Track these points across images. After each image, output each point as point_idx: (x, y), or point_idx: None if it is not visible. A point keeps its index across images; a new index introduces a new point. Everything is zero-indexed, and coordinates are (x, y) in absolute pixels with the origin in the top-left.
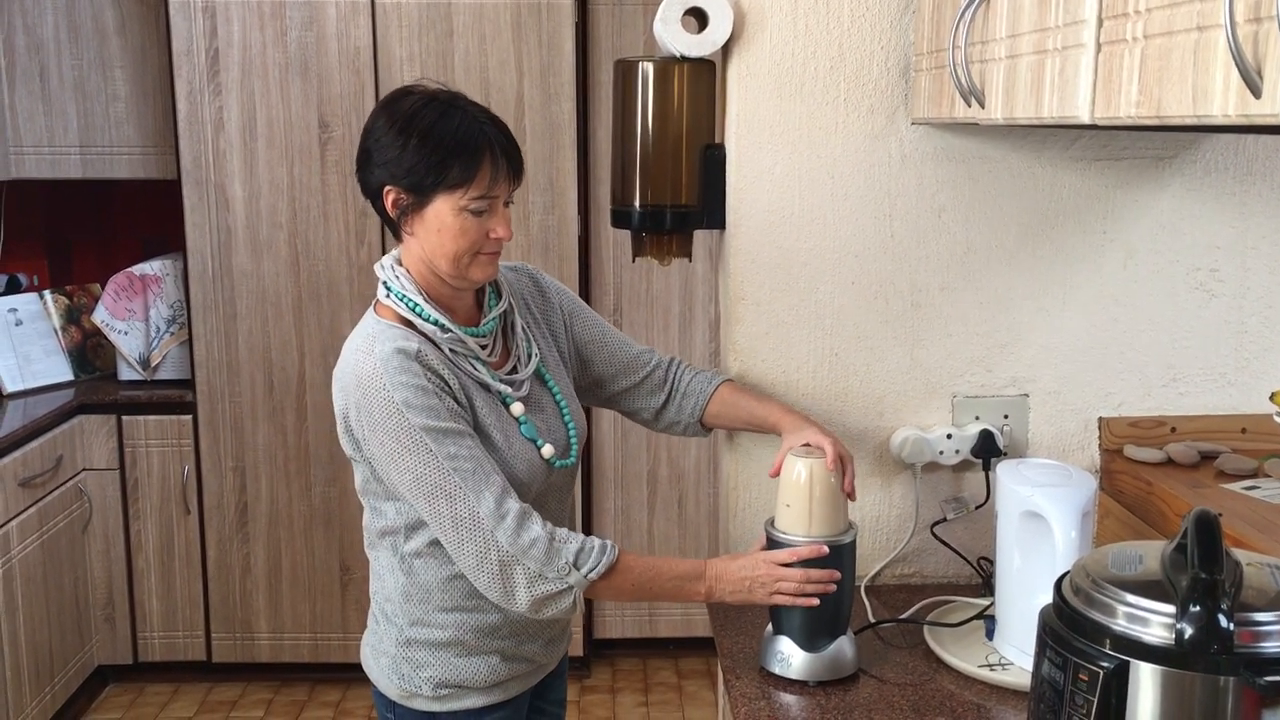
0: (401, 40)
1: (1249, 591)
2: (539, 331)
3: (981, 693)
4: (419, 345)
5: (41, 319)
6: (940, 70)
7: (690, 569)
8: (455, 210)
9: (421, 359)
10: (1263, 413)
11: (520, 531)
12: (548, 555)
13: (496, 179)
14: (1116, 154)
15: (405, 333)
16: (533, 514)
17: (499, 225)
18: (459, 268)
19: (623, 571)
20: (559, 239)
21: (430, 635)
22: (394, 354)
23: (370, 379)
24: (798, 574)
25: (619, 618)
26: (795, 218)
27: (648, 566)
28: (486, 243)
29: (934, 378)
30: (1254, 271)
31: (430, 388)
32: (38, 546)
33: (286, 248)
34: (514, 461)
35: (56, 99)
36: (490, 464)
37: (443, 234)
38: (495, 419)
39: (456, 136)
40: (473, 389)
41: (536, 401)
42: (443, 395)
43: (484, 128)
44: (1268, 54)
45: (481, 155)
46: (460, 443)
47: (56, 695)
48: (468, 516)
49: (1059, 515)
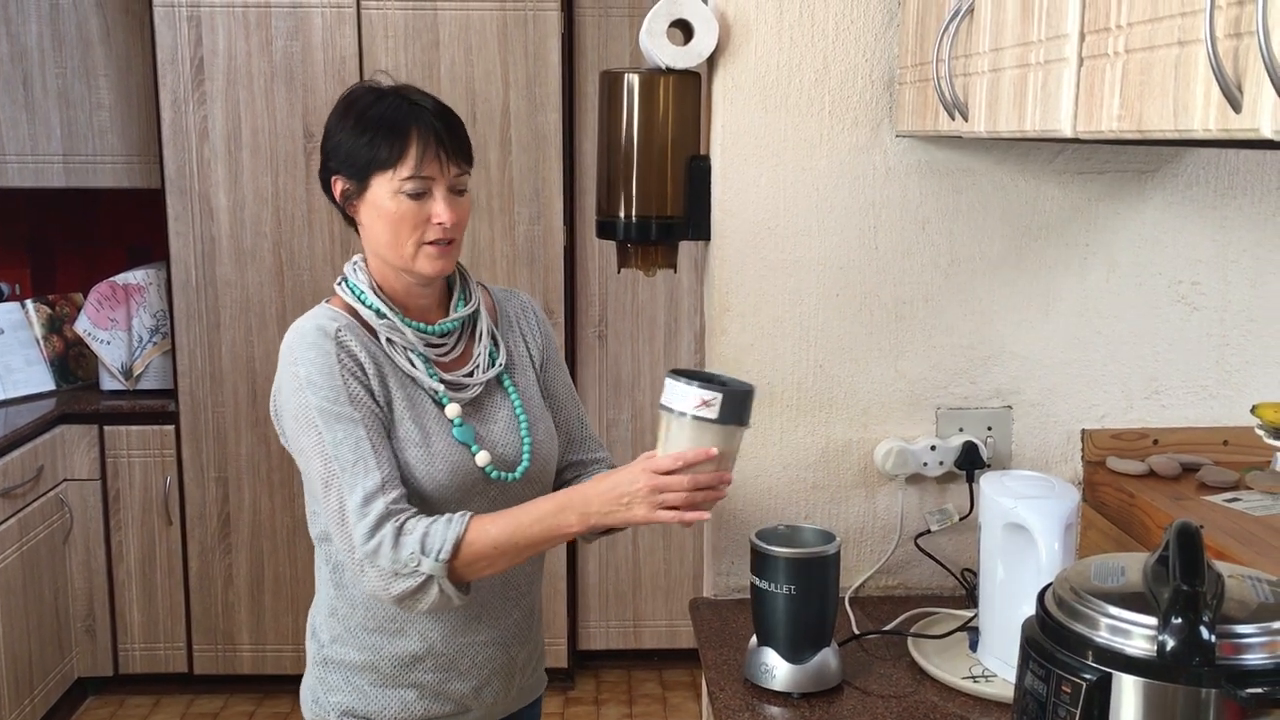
0: (387, 50)
1: (1230, 604)
2: (518, 349)
3: (965, 704)
4: (342, 325)
5: (23, 328)
6: (924, 83)
7: (553, 505)
8: (391, 193)
9: (340, 338)
10: (1244, 425)
11: (374, 531)
12: (394, 551)
13: (425, 157)
14: (1099, 167)
15: (336, 314)
16: (395, 513)
17: (440, 209)
18: (404, 257)
19: (477, 538)
20: (544, 249)
21: (347, 656)
22: (312, 329)
23: (286, 353)
24: (683, 480)
25: (603, 629)
26: (780, 229)
27: (506, 522)
28: (429, 229)
29: (918, 389)
30: (1235, 285)
31: (337, 369)
32: (17, 557)
33: (271, 257)
34: (434, 461)
35: (40, 107)
36: (377, 460)
37: (383, 219)
38: (418, 416)
39: (385, 116)
40: (397, 380)
41: (487, 409)
42: (349, 379)
43: (416, 109)
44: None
45: (408, 133)
46: (349, 430)
47: (36, 707)
48: (338, 509)
49: (1042, 527)
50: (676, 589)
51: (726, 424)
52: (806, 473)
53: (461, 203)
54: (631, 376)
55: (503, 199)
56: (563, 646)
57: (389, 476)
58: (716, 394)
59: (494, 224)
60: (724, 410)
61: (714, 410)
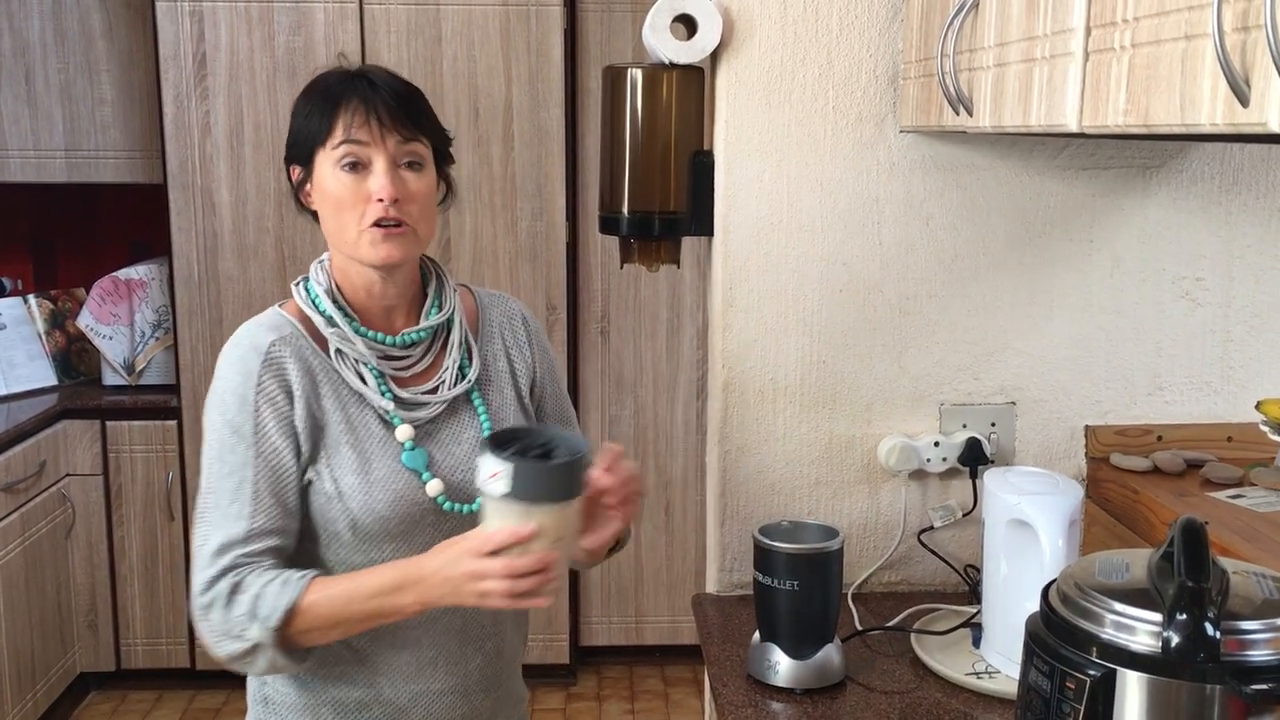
0: (390, 45)
1: (1235, 600)
2: (496, 362)
3: (968, 701)
4: (281, 338)
5: (25, 323)
6: (928, 78)
7: (392, 579)
8: (331, 168)
9: (271, 356)
10: (1248, 421)
11: (211, 584)
12: (225, 610)
13: (355, 122)
14: (1103, 163)
15: (282, 322)
16: (240, 566)
17: (380, 183)
18: (349, 242)
19: (313, 605)
20: (547, 245)
21: (287, 697)
22: (247, 343)
23: (220, 360)
24: (497, 566)
25: (605, 625)
26: (783, 225)
27: (342, 590)
28: (371, 208)
29: (921, 385)
30: (1239, 280)
31: (252, 396)
32: (20, 552)
33: (273, 253)
34: (373, 490)
35: (42, 102)
36: (254, 507)
37: (326, 200)
38: (359, 439)
39: (321, 88)
40: (337, 399)
41: (450, 430)
42: (263, 407)
43: (356, 79)
44: (1255, 63)
45: (339, 99)
46: (237, 467)
47: (38, 702)
48: (198, 545)
49: (1046, 523)
50: (679, 585)
51: (524, 501)
52: (809, 468)
53: (413, 179)
54: (634, 373)
55: (505, 195)
56: (565, 642)
57: (260, 529)
58: (505, 465)
59: (496, 220)
60: (517, 484)
61: (504, 484)
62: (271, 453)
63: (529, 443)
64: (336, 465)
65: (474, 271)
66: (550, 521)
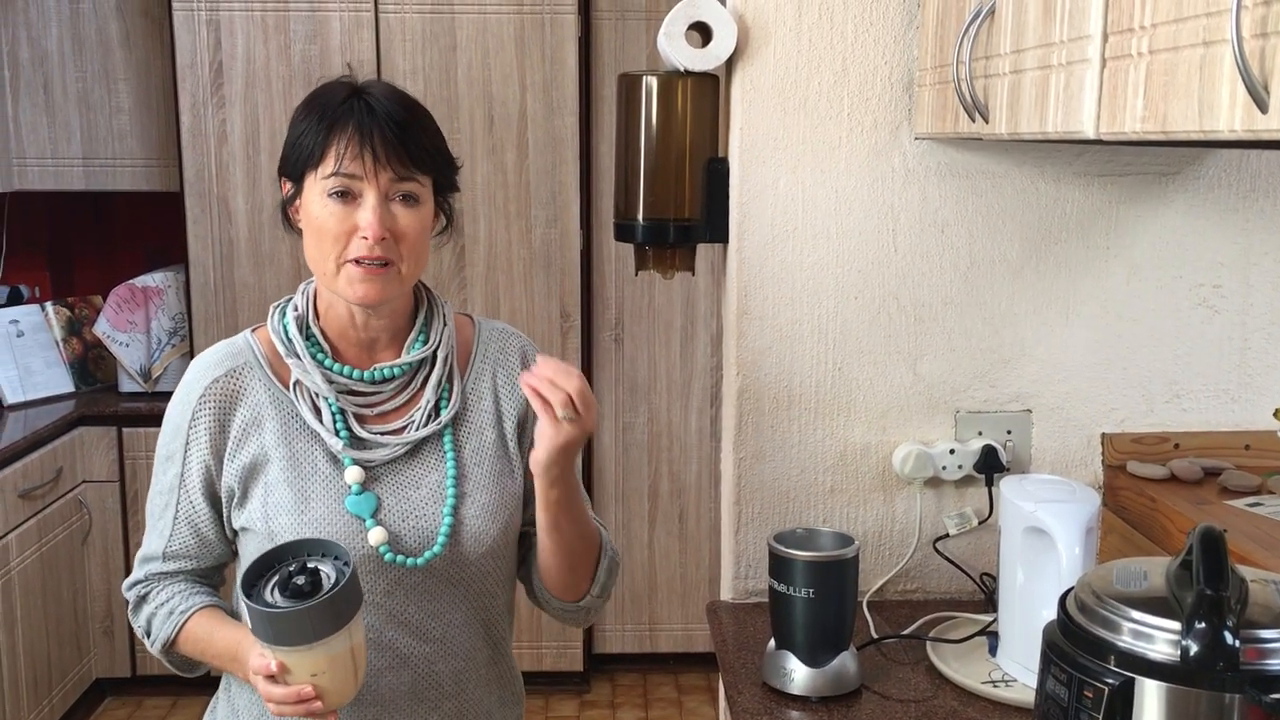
0: (405, 54)
1: (1254, 608)
2: (480, 402)
3: (985, 709)
4: (231, 370)
5: (43, 330)
6: (944, 85)
7: (227, 649)
8: (320, 195)
9: (209, 393)
10: (1266, 429)
11: (131, 586)
12: (134, 616)
13: (348, 153)
14: (1120, 169)
15: (238, 351)
16: (151, 579)
17: (367, 218)
18: (326, 274)
19: (184, 640)
20: (561, 252)
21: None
22: (196, 372)
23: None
24: (260, 688)
25: (619, 632)
26: (798, 232)
27: (204, 637)
28: (354, 243)
29: (937, 393)
30: (1257, 288)
31: (185, 429)
32: (37, 559)
33: (289, 260)
34: (305, 533)
35: (60, 111)
36: (173, 530)
37: (311, 225)
38: (300, 478)
39: (323, 109)
40: (282, 435)
41: (411, 473)
42: (195, 443)
43: (357, 101)
44: (1275, 69)
45: (334, 126)
46: (166, 489)
47: (54, 708)
48: (142, 544)
49: (1063, 531)
50: (693, 592)
51: (262, 640)
52: (825, 476)
53: (405, 215)
54: (648, 380)
55: (519, 202)
56: (578, 650)
57: (174, 552)
58: (244, 603)
59: (510, 227)
60: (254, 623)
61: (246, 619)
62: (192, 491)
63: (300, 565)
64: (271, 505)
65: (488, 279)
66: (294, 661)
